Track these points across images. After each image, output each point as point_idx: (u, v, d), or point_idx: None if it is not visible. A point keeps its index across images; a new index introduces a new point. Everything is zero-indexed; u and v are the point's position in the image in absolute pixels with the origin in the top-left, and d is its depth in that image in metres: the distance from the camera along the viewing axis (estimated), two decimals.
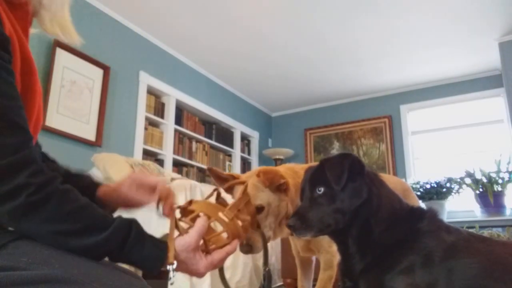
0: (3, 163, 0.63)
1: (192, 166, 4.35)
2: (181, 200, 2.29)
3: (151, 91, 3.94)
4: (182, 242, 0.76)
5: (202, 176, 4.57)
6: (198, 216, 0.81)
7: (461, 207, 4.33)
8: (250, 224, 0.88)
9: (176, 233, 0.79)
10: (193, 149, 4.43)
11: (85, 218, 0.68)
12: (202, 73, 4.62)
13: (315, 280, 1.72)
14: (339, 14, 3.54)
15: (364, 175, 0.94)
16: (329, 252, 1.47)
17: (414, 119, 5.02)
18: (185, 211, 0.84)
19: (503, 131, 4.42)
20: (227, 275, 2.54)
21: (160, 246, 0.74)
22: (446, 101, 4.82)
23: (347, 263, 0.94)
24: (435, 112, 4.91)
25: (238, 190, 1.24)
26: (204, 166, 4.49)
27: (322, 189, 0.93)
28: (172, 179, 2.53)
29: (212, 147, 4.71)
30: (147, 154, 3.81)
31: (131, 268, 0.84)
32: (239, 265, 2.65)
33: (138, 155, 3.60)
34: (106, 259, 0.72)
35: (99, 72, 3.36)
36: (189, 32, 3.86)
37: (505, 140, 4.32)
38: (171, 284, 0.73)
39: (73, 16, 0.89)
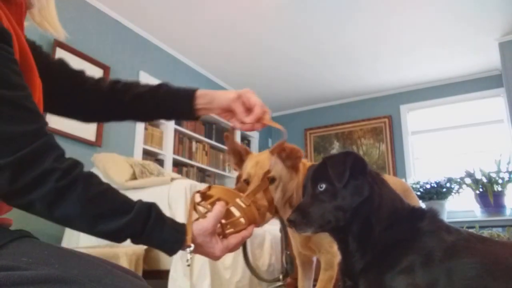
0: (29, 150, 0.64)
1: (192, 166, 4.35)
2: (181, 203, 2.29)
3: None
4: (199, 226, 0.77)
5: (202, 176, 4.57)
6: (216, 201, 0.83)
7: (461, 207, 4.33)
8: (267, 210, 0.90)
9: (194, 216, 0.81)
10: (193, 149, 4.43)
11: (110, 202, 0.70)
12: (202, 73, 4.62)
13: (316, 280, 1.72)
14: (339, 14, 3.54)
15: (366, 174, 0.94)
16: (330, 252, 1.47)
17: (414, 119, 5.02)
18: (204, 195, 0.85)
19: (503, 131, 4.42)
20: (227, 275, 2.54)
21: (179, 229, 0.76)
22: (446, 101, 4.82)
23: (347, 262, 0.94)
24: (435, 112, 4.91)
25: (248, 165, 1.29)
26: (204, 166, 4.49)
27: (324, 186, 0.93)
28: (172, 179, 2.53)
29: (212, 147, 4.71)
30: (147, 154, 3.81)
31: (131, 268, 0.84)
32: (239, 265, 2.65)
33: (138, 155, 3.60)
34: (106, 258, 0.72)
35: (99, 72, 3.36)
36: (189, 32, 3.86)
37: (505, 140, 4.33)
38: (188, 265, 0.76)
39: (73, 16, 0.90)
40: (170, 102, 1.01)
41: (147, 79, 3.84)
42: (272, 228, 3.38)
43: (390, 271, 0.83)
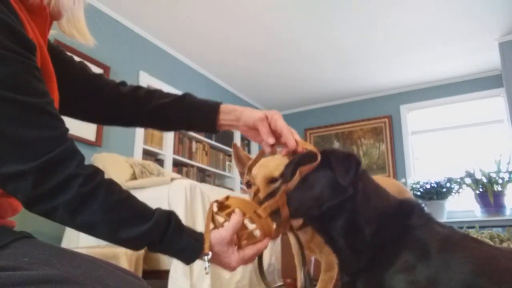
0: (53, 155, 0.65)
1: (192, 166, 4.35)
2: (181, 203, 2.29)
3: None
4: (217, 235, 0.78)
5: (202, 176, 4.57)
6: (233, 211, 0.83)
7: (461, 207, 4.33)
8: (283, 226, 0.89)
9: (211, 225, 0.81)
10: (193, 149, 4.43)
11: (130, 209, 0.71)
12: (202, 73, 4.62)
13: (316, 280, 1.72)
14: (339, 14, 3.54)
15: (357, 175, 0.92)
16: (331, 253, 1.47)
17: (414, 119, 5.02)
18: (222, 205, 0.85)
19: (503, 131, 4.42)
20: (227, 275, 2.54)
21: (197, 237, 0.76)
22: (446, 101, 4.82)
23: (341, 259, 0.92)
24: (435, 112, 4.91)
25: (255, 171, 1.25)
26: (204, 166, 4.49)
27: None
28: (172, 179, 2.53)
29: (212, 147, 4.71)
30: (147, 154, 3.81)
31: (131, 269, 0.85)
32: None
33: (138, 155, 3.60)
34: (106, 258, 0.72)
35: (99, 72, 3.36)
36: (189, 32, 3.86)
37: (505, 140, 4.33)
38: (206, 273, 0.75)
39: None
40: (193, 115, 1.02)
41: (147, 79, 3.84)
42: None
43: (389, 270, 0.83)
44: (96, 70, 3.52)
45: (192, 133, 4.38)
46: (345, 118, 5.36)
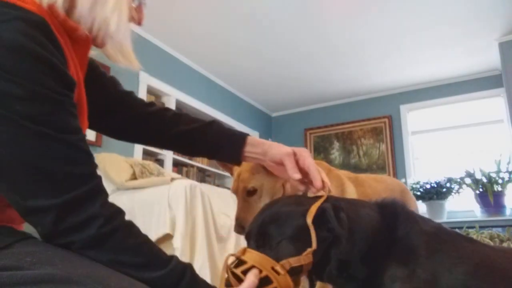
0: (79, 193, 0.66)
1: (192, 166, 4.35)
2: (181, 203, 2.29)
3: (151, 91, 3.94)
4: None
5: (202, 176, 4.57)
6: (249, 268, 0.80)
7: (461, 207, 4.33)
8: (302, 275, 0.87)
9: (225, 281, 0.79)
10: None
11: (145, 254, 0.71)
12: (202, 73, 4.62)
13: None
14: (339, 14, 3.54)
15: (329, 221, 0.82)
16: None
17: (414, 119, 5.02)
18: (238, 259, 0.82)
19: (503, 131, 4.42)
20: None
21: None
22: (446, 101, 4.82)
23: (335, 285, 0.88)
24: (435, 112, 4.91)
25: (236, 173, 1.31)
26: (204, 166, 4.49)
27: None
28: (172, 179, 2.53)
29: None
30: (147, 154, 3.81)
31: None
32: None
33: (138, 155, 3.60)
34: None
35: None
36: (189, 32, 3.86)
37: (505, 140, 4.32)
38: None
39: None
40: (219, 144, 1.02)
41: (147, 79, 3.84)
42: None
43: (385, 284, 0.80)
44: None
45: None
46: (345, 118, 5.36)
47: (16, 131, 0.63)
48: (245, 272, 0.78)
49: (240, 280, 0.77)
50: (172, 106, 4.10)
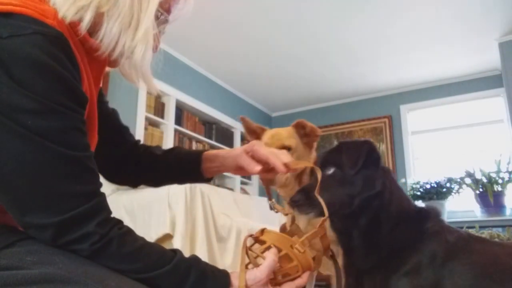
0: (77, 212, 0.65)
1: None
2: (181, 203, 2.29)
3: (151, 91, 3.93)
4: (252, 277, 0.75)
5: None
6: (269, 247, 0.80)
7: (461, 207, 4.32)
8: (323, 255, 0.86)
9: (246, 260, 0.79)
10: (193, 149, 4.43)
11: (143, 258, 0.70)
12: (202, 73, 4.62)
13: (318, 280, 1.73)
14: (340, 14, 3.54)
15: (379, 167, 0.92)
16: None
17: (414, 119, 5.02)
18: (257, 240, 0.82)
19: (503, 131, 4.42)
20: None
21: (222, 281, 0.74)
22: (446, 101, 4.82)
23: (350, 258, 0.92)
24: (435, 112, 4.91)
25: (265, 137, 1.46)
26: None
27: (332, 170, 0.90)
28: None
29: (212, 147, 4.71)
30: None
31: None
32: (239, 265, 2.64)
33: None
34: None
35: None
36: (189, 32, 3.86)
37: (505, 140, 4.32)
38: None
39: None
40: (179, 167, 1.01)
41: None
42: (272, 229, 3.37)
43: (396, 273, 0.83)
44: None
45: (192, 133, 4.38)
46: (345, 118, 5.36)
47: (23, 145, 0.62)
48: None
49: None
50: (172, 106, 4.11)
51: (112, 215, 0.71)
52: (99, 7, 0.72)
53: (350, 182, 0.88)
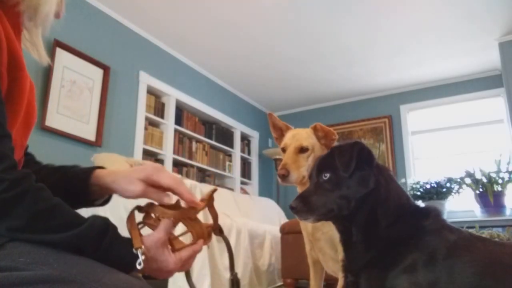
0: None
1: (192, 166, 4.35)
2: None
3: (151, 91, 3.94)
4: (150, 238, 0.74)
5: (202, 176, 4.57)
6: (160, 217, 0.80)
7: (461, 207, 4.33)
8: (212, 227, 0.86)
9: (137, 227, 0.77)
10: (193, 149, 4.43)
11: (58, 217, 0.67)
12: (202, 73, 4.62)
13: (325, 280, 1.73)
14: (339, 13, 3.54)
15: (373, 166, 0.94)
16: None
17: (414, 119, 5.02)
18: (148, 215, 0.81)
19: (503, 131, 4.42)
20: (227, 275, 2.53)
21: (129, 242, 0.73)
22: (446, 101, 4.82)
23: (350, 256, 0.93)
24: (435, 112, 4.91)
25: (286, 137, 1.59)
26: (204, 166, 4.49)
27: (328, 175, 0.93)
28: None
29: (212, 147, 4.71)
30: (147, 154, 3.81)
31: None
32: (239, 265, 2.65)
33: (138, 155, 3.60)
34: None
35: (99, 72, 3.36)
36: (189, 32, 3.86)
37: (505, 140, 4.32)
38: (139, 265, 0.70)
39: (73, 16, 0.90)
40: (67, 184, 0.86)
41: (147, 79, 3.84)
42: (272, 228, 3.38)
43: (394, 269, 0.83)
44: (96, 70, 3.53)
45: (192, 133, 4.38)
46: (345, 118, 5.36)
47: None
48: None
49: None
50: (172, 106, 4.11)
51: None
52: None
53: (346, 184, 0.91)
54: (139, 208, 0.82)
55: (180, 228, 0.85)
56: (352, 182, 0.91)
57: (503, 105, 4.36)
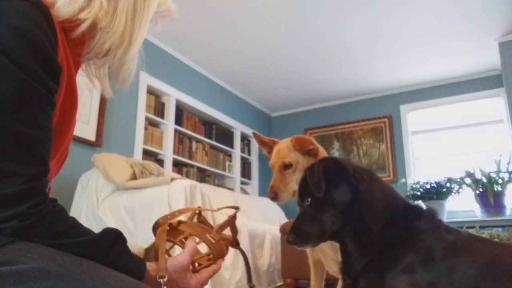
0: (13, 191, 0.63)
1: (192, 166, 4.35)
2: (181, 203, 2.29)
3: (151, 91, 3.94)
4: (174, 263, 0.78)
5: (202, 176, 4.57)
6: (187, 237, 0.84)
7: (461, 207, 4.33)
8: (231, 243, 0.94)
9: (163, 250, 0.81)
10: (193, 149, 4.43)
11: (73, 235, 0.69)
12: (202, 73, 4.62)
13: (326, 280, 1.73)
14: (338, 14, 3.54)
15: (348, 176, 0.94)
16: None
17: (414, 119, 5.02)
18: (175, 231, 0.85)
19: (503, 131, 4.42)
20: (227, 275, 2.54)
21: (141, 260, 0.77)
22: (446, 101, 4.82)
23: (347, 261, 0.94)
24: (435, 112, 4.91)
25: (272, 154, 1.58)
26: (204, 166, 4.49)
27: (309, 199, 0.95)
28: (172, 179, 2.53)
29: (212, 147, 4.71)
30: (147, 154, 3.81)
31: None
32: (239, 265, 2.65)
33: (138, 155, 3.60)
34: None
35: None
36: (189, 32, 3.86)
37: (505, 140, 4.32)
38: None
39: None
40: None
41: (147, 79, 3.84)
42: (272, 228, 3.38)
43: (391, 271, 0.83)
44: None
45: (192, 133, 4.38)
46: (345, 118, 5.36)
47: None
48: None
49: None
50: (172, 106, 4.11)
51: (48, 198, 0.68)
52: (97, 22, 0.74)
53: (326, 204, 0.93)
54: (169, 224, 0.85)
55: (201, 246, 0.89)
56: (330, 200, 0.92)
57: (503, 105, 4.36)
